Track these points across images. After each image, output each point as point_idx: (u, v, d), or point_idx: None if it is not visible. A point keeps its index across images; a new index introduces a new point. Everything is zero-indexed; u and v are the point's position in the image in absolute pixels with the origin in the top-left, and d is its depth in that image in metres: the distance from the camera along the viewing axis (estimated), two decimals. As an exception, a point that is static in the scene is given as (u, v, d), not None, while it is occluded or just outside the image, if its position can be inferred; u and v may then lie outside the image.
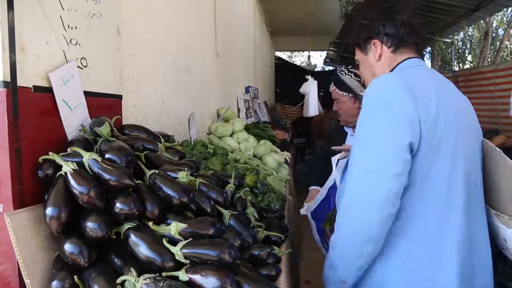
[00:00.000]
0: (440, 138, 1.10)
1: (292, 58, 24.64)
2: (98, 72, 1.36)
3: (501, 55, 13.64)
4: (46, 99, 1.11)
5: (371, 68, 1.41)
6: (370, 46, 1.39)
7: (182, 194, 1.09)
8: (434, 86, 1.17)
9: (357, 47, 1.46)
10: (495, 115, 6.30)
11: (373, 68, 1.39)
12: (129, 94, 1.91)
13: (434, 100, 1.12)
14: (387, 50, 1.35)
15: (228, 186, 1.50)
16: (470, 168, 1.17)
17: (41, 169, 1.04)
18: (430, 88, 1.15)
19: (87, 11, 1.29)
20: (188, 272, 0.92)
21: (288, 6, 9.36)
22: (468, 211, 1.13)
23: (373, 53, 1.38)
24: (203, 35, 3.43)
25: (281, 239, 1.44)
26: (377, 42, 1.36)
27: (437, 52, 12.73)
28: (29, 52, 1.04)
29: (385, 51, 1.35)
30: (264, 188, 2.12)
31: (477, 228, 1.18)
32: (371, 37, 1.38)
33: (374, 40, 1.37)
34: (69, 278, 0.92)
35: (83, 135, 1.21)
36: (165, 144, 1.41)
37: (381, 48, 1.36)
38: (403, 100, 1.10)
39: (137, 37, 1.99)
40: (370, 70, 1.42)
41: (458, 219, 1.11)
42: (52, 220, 0.93)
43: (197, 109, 3.23)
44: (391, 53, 1.35)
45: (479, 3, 6.09)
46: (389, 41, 1.34)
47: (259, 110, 6.59)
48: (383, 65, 1.36)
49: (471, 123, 1.26)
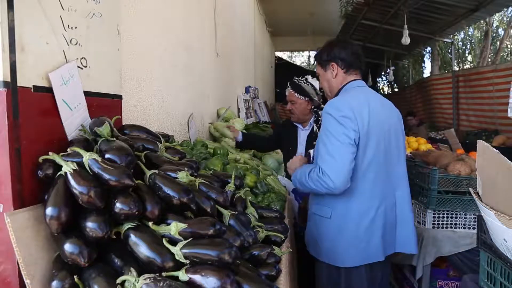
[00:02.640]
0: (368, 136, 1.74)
1: (292, 58, 24.65)
2: (98, 72, 1.36)
3: (501, 55, 13.65)
4: (46, 99, 1.11)
5: (328, 82, 1.97)
6: (328, 66, 1.93)
7: (182, 194, 1.09)
8: (367, 102, 1.78)
9: (319, 64, 1.98)
10: (494, 115, 6.30)
11: (330, 83, 1.96)
12: (129, 94, 1.91)
13: (366, 112, 1.74)
14: (341, 71, 1.91)
15: (228, 186, 1.50)
16: (389, 152, 1.84)
17: (41, 169, 1.04)
18: (364, 105, 1.76)
19: (87, 11, 1.29)
20: (188, 272, 0.92)
21: (288, 6, 9.37)
22: (390, 182, 1.85)
23: (331, 72, 1.93)
24: (203, 35, 3.43)
25: (281, 239, 1.44)
26: (334, 64, 1.91)
27: (437, 52, 12.72)
28: (29, 52, 1.04)
29: (339, 72, 1.91)
30: (264, 188, 2.12)
31: (400, 194, 1.90)
32: (330, 59, 1.91)
33: (332, 63, 1.91)
34: (69, 278, 0.92)
35: (83, 135, 1.21)
36: (165, 144, 1.41)
37: (336, 69, 1.91)
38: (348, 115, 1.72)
39: (137, 37, 1.99)
40: (327, 83, 1.98)
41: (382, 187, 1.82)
42: (52, 220, 0.93)
43: (197, 109, 3.23)
44: (344, 73, 1.91)
45: (479, 3, 6.10)
46: (343, 65, 1.90)
47: (259, 110, 6.60)
48: (337, 81, 1.93)
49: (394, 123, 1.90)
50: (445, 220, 2.42)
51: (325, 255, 1.86)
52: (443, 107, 8.49)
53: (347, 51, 1.88)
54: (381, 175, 1.81)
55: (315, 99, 2.71)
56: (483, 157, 1.28)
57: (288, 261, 1.48)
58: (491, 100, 6.34)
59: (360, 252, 1.79)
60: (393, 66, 12.28)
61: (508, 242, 1.19)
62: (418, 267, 2.43)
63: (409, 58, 13.11)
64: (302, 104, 2.72)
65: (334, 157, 1.68)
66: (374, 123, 1.76)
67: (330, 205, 1.82)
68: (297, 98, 2.71)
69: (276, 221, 1.54)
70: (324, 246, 1.85)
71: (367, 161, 1.76)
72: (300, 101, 2.71)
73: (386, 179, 1.84)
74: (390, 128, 1.86)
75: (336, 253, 1.81)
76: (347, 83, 1.90)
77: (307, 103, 2.72)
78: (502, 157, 1.18)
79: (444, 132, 5.68)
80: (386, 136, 1.82)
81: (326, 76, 1.95)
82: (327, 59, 1.92)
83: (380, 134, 1.78)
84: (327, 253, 1.85)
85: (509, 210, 1.14)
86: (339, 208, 1.80)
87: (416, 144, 3.96)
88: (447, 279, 2.59)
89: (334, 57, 1.89)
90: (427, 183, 2.40)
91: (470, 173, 2.36)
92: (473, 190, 1.37)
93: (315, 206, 1.92)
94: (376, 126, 1.77)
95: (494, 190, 1.22)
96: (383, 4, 7.18)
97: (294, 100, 2.73)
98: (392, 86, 16.68)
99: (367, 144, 1.74)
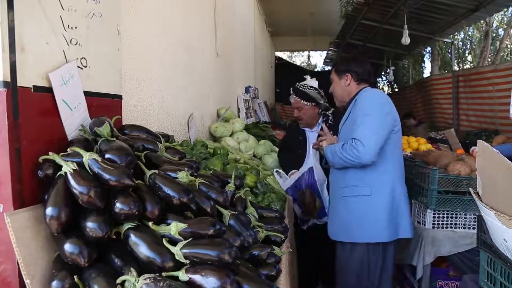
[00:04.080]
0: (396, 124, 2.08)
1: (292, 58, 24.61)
2: (98, 72, 1.36)
3: (501, 55, 13.63)
4: (46, 99, 1.11)
5: (341, 88, 2.25)
6: (344, 75, 2.21)
7: (182, 194, 1.09)
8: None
9: (335, 72, 2.27)
10: (494, 115, 6.30)
11: (343, 89, 2.24)
12: (129, 94, 1.91)
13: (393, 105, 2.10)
14: (354, 82, 2.20)
15: (228, 186, 1.50)
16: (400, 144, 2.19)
17: (41, 169, 1.04)
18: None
19: (87, 11, 1.29)
20: (188, 272, 0.92)
21: (288, 6, 9.36)
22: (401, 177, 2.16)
23: (344, 81, 2.21)
24: (203, 35, 3.43)
25: (281, 239, 1.44)
26: (349, 75, 2.20)
27: (437, 52, 12.72)
28: (29, 52, 1.04)
29: (352, 82, 2.20)
30: (264, 188, 2.12)
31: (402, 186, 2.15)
32: (346, 70, 2.21)
33: (347, 74, 2.20)
34: (69, 278, 0.92)
35: (83, 135, 1.21)
36: (165, 144, 1.41)
37: (350, 79, 2.20)
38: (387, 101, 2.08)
39: (137, 37, 1.99)
40: (340, 90, 2.25)
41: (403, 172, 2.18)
42: (52, 220, 0.93)
43: (197, 109, 3.23)
44: (356, 84, 2.20)
45: (479, 3, 6.09)
46: (356, 77, 2.19)
47: (259, 110, 6.59)
48: (350, 89, 2.22)
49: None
50: (445, 220, 2.42)
51: (365, 234, 2.02)
52: (443, 107, 8.48)
53: (362, 67, 2.18)
54: (401, 161, 2.15)
55: (321, 102, 2.75)
56: (483, 157, 1.28)
57: (288, 261, 1.48)
58: (491, 100, 6.33)
59: (394, 227, 2.03)
60: (393, 66, 12.27)
61: (508, 242, 1.19)
62: (418, 267, 2.43)
63: (409, 58, 13.10)
64: (310, 110, 2.75)
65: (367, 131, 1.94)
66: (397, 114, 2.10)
67: (368, 183, 2.03)
68: (304, 105, 2.74)
69: (276, 221, 1.54)
70: (363, 226, 2.03)
71: (396, 142, 2.07)
72: (307, 107, 2.74)
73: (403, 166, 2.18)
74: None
75: (378, 229, 2.01)
76: (361, 89, 2.17)
77: (314, 108, 2.76)
78: (502, 157, 1.18)
79: (444, 132, 5.67)
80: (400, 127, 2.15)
81: (340, 83, 2.24)
82: (344, 70, 2.21)
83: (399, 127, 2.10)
84: (367, 231, 2.02)
85: (509, 210, 1.14)
86: (377, 184, 2.03)
87: (416, 144, 3.96)
88: (447, 279, 2.59)
89: (350, 70, 2.18)
90: (427, 183, 2.40)
91: (470, 173, 2.36)
92: (473, 190, 1.37)
93: (346, 190, 2.10)
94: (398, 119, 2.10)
95: (494, 190, 1.22)
96: (383, 4, 7.18)
97: (301, 107, 2.76)
98: (392, 86, 16.66)
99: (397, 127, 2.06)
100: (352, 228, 2.05)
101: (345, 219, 2.08)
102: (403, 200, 2.08)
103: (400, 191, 2.07)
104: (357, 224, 2.04)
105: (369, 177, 2.03)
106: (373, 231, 2.02)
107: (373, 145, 1.92)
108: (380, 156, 1.97)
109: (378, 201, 2.02)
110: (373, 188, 2.02)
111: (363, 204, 2.04)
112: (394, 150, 2.05)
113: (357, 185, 2.05)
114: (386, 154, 2.01)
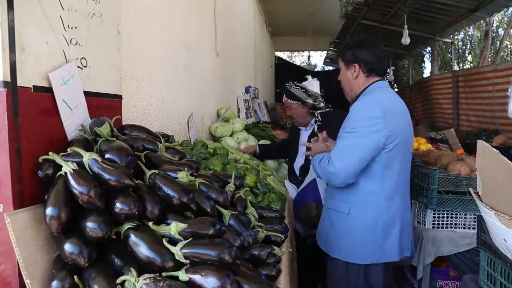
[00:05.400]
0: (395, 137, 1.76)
1: (292, 58, 24.64)
2: (98, 72, 1.36)
3: (501, 55, 13.64)
4: (46, 99, 1.11)
5: (348, 81, 1.97)
6: (351, 66, 1.93)
7: (182, 194, 1.09)
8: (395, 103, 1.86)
9: (342, 60, 1.99)
10: (494, 115, 6.30)
11: (350, 82, 1.96)
12: (129, 94, 1.91)
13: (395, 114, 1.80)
14: (362, 74, 1.91)
15: (228, 186, 1.50)
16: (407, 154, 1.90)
17: (41, 169, 1.04)
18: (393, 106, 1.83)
19: (87, 11, 1.29)
20: (188, 272, 0.92)
21: (288, 6, 9.37)
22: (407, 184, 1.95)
23: (352, 72, 1.93)
24: (203, 35, 3.43)
25: (281, 239, 1.44)
26: (356, 66, 1.90)
27: (437, 52, 12.73)
28: (29, 52, 1.04)
29: (361, 74, 1.92)
30: (264, 188, 2.12)
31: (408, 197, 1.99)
32: (354, 60, 1.91)
33: (355, 64, 1.91)
34: (69, 278, 0.92)
35: (83, 135, 1.21)
36: (165, 144, 1.41)
37: (359, 71, 1.91)
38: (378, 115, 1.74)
39: (137, 37, 1.99)
40: (347, 82, 1.98)
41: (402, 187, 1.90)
42: (52, 220, 0.93)
43: (197, 109, 3.23)
44: (365, 77, 1.92)
45: (479, 3, 6.09)
46: (365, 68, 1.90)
47: (259, 110, 6.59)
48: (358, 82, 1.94)
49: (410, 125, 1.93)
50: (445, 220, 2.42)
51: (343, 252, 1.87)
52: (443, 107, 8.49)
53: (372, 55, 1.88)
54: (401, 175, 1.87)
55: (307, 101, 2.78)
56: (483, 157, 1.27)
57: (288, 261, 1.48)
58: (491, 100, 6.33)
59: (377, 250, 1.82)
60: (393, 66, 12.28)
61: (508, 242, 1.19)
62: (418, 267, 2.43)
63: (409, 58, 13.11)
64: (297, 109, 2.82)
65: (343, 152, 1.75)
66: (401, 125, 1.82)
67: (349, 200, 1.84)
68: (291, 104, 2.83)
69: (276, 221, 1.54)
70: (341, 243, 1.87)
71: (391, 159, 1.79)
72: (294, 106, 2.81)
73: (405, 180, 1.92)
74: (410, 132, 1.93)
75: (354, 249, 1.84)
76: (371, 83, 1.90)
77: (301, 107, 2.81)
78: (502, 157, 1.18)
79: (444, 132, 5.67)
80: (407, 138, 1.88)
81: (347, 74, 1.96)
82: (351, 59, 1.92)
83: (403, 136, 1.82)
84: (344, 249, 1.86)
85: (509, 210, 1.14)
86: (358, 204, 1.83)
87: (416, 144, 3.96)
88: (447, 279, 2.59)
89: (359, 59, 1.89)
90: (427, 183, 2.40)
91: (470, 173, 2.36)
92: (473, 190, 1.37)
93: (331, 201, 1.95)
94: (403, 128, 1.83)
95: (494, 190, 1.22)
96: (383, 4, 7.18)
97: (289, 106, 2.86)
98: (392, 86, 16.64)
99: (393, 143, 1.76)
100: (331, 243, 1.91)
101: (327, 231, 1.94)
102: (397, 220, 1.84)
103: (395, 211, 1.83)
104: (335, 240, 1.89)
105: (351, 195, 1.83)
106: (349, 250, 1.84)
107: (349, 167, 1.72)
108: (365, 176, 1.78)
109: (357, 222, 1.82)
110: (352, 208, 1.83)
111: (342, 221, 1.87)
112: (386, 168, 1.78)
113: (339, 200, 1.88)
114: (373, 174, 1.78)
